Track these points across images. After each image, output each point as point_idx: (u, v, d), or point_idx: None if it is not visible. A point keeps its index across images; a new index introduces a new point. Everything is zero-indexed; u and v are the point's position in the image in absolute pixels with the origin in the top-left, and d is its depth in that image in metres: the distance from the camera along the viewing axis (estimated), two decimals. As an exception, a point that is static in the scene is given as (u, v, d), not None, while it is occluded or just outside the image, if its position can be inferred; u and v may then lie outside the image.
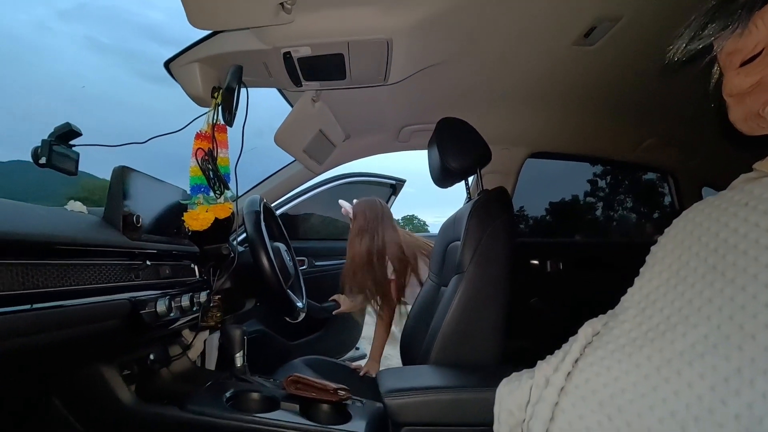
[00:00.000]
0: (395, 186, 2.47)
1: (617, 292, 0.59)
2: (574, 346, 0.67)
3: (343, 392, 0.91)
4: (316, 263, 2.17)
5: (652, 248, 0.66)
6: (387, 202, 2.53)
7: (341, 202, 1.69)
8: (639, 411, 0.51)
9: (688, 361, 0.49)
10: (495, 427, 0.71)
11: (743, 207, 0.54)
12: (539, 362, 0.69)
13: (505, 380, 0.74)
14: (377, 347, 1.58)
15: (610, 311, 0.66)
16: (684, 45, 0.58)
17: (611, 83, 1.24)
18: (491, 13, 0.91)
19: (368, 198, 1.64)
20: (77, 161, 0.88)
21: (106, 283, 0.69)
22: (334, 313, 1.92)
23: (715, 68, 0.60)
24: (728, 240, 0.53)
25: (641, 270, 0.66)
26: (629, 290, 0.66)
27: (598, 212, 3.13)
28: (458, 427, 0.82)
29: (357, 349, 2.42)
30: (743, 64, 0.51)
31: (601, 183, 3.02)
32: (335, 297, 1.95)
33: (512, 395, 0.70)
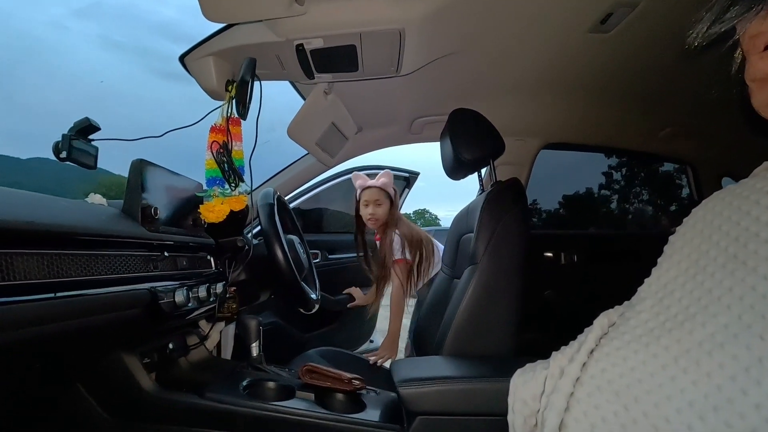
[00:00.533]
0: (409, 179, 2.46)
1: (633, 283, 0.59)
2: (589, 336, 0.66)
3: (358, 382, 0.92)
4: (330, 256, 2.19)
5: (670, 238, 0.65)
6: (401, 195, 2.54)
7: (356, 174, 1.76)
8: (656, 401, 0.51)
9: (708, 350, 0.48)
10: (509, 417, 0.71)
11: (766, 195, 0.52)
12: (554, 353, 0.68)
13: (519, 370, 0.74)
14: (391, 333, 1.60)
15: (626, 302, 0.65)
16: (705, 29, 0.56)
17: (628, 71, 1.22)
18: (503, 1, 0.90)
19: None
20: (96, 155, 0.90)
21: (126, 273, 0.71)
22: (348, 306, 1.94)
23: (738, 52, 0.58)
24: (750, 228, 0.52)
25: (659, 260, 0.65)
26: (646, 281, 0.65)
27: (613, 205, 3.08)
28: (472, 416, 0.82)
29: (371, 341, 2.44)
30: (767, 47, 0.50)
31: (616, 175, 2.96)
32: (350, 290, 1.97)
33: (527, 385, 0.70)
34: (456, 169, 1.22)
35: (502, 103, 1.43)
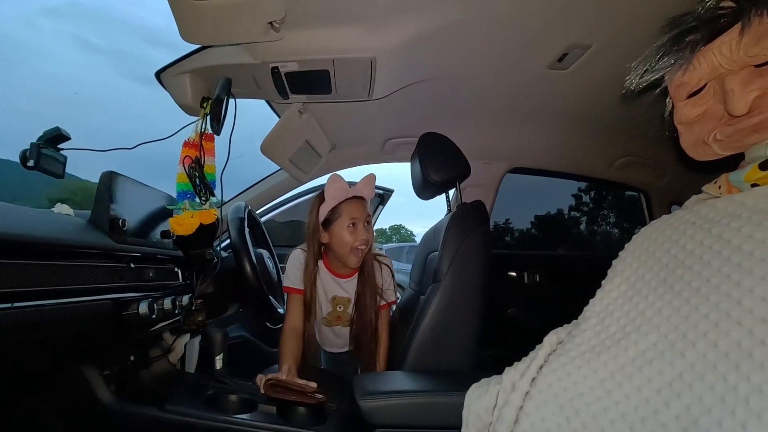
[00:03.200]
0: (383, 195, 2.49)
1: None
2: (539, 353, 0.71)
3: (321, 395, 0.94)
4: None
5: (614, 262, 0.72)
6: (374, 212, 2.57)
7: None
8: (594, 413, 0.56)
9: (639, 366, 0.54)
10: (463, 429, 0.75)
11: (691, 225, 0.59)
12: (507, 368, 0.73)
13: (474, 385, 0.78)
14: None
15: (574, 321, 0.71)
16: (639, 76, 0.64)
17: (585, 104, 1.31)
18: (469, 36, 0.97)
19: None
20: (65, 164, 0.90)
21: (89, 284, 0.72)
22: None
23: (668, 98, 0.65)
24: (677, 255, 0.58)
25: (603, 282, 0.71)
26: (591, 301, 0.70)
27: (582, 226, 3.21)
28: (430, 429, 0.85)
29: (340, 356, 2.43)
30: (690, 96, 0.57)
31: (585, 198, 3.10)
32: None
33: (480, 399, 0.74)
34: (425, 189, 1.27)
35: (470, 128, 1.50)
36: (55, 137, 0.87)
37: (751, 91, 0.48)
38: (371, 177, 1.22)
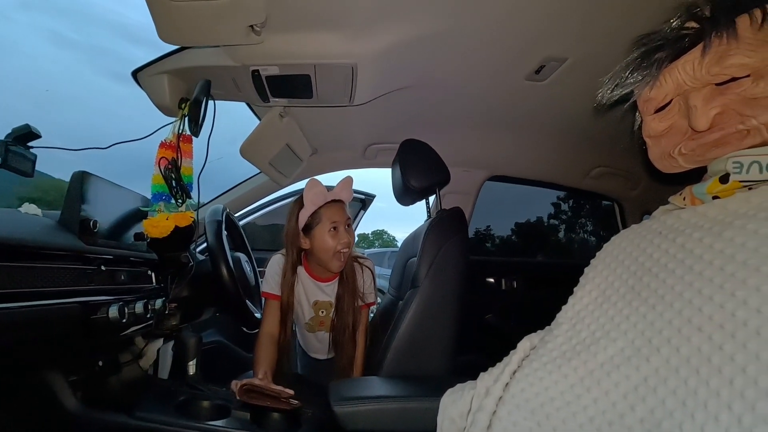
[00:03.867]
0: (364, 201, 2.49)
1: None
2: (513, 358, 0.72)
3: (296, 401, 0.93)
4: (281, 275, 2.17)
5: (585, 269, 0.74)
6: (356, 217, 2.57)
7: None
8: (564, 417, 0.57)
9: (607, 371, 0.56)
10: (437, 433, 0.75)
11: (658, 235, 0.61)
12: (481, 374, 0.74)
13: (449, 390, 0.79)
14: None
15: (547, 327, 0.72)
16: (609, 91, 0.66)
17: (561, 115, 1.35)
18: (448, 46, 0.98)
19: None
20: (34, 162, 0.88)
21: (57, 287, 0.70)
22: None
23: (638, 112, 0.68)
24: (644, 263, 0.60)
25: (575, 289, 0.73)
26: (563, 308, 0.72)
27: (561, 234, 3.28)
28: (404, 434, 0.85)
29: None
30: (658, 110, 0.60)
31: (564, 207, 3.18)
32: None
33: (455, 404, 0.74)
34: (405, 195, 1.28)
35: (451, 136, 1.52)
36: (25, 135, 0.84)
37: (712, 107, 0.51)
38: (348, 180, 1.21)
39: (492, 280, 1.94)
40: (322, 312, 1.27)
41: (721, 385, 0.39)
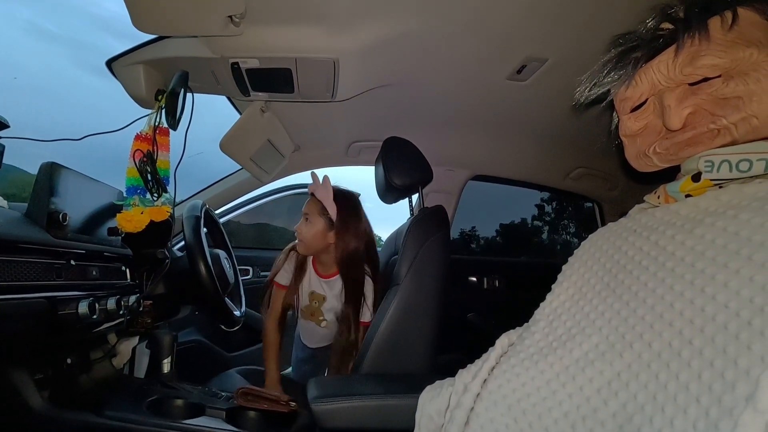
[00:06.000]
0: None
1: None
2: (491, 355, 0.73)
3: (294, 404, 0.93)
4: (263, 273, 2.15)
5: (563, 267, 0.74)
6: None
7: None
8: (540, 413, 0.57)
9: (582, 367, 0.56)
10: (415, 431, 0.75)
11: (633, 233, 0.62)
12: (460, 370, 0.74)
13: (428, 387, 0.79)
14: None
15: (526, 324, 0.73)
16: (587, 90, 0.67)
17: (543, 115, 1.36)
18: (430, 44, 0.98)
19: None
20: (2, 153, 0.84)
21: (21, 281, 0.67)
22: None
23: (615, 112, 0.69)
24: (620, 261, 0.61)
25: (553, 286, 0.73)
26: (541, 304, 0.73)
27: (544, 235, 3.32)
28: (382, 432, 0.85)
29: (303, 362, 2.39)
30: (634, 110, 0.61)
31: (548, 208, 3.22)
32: None
33: (433, 402, 0.74)
34: (388, 193, 1.28)
35: (434, 135, 1.53)
36: (-8, 125, 0.81)
37: (685, 107, 0.51)
38: (324, 177, 1.31)
39: (474, 279, 1.95)
40: (315, 303, 1.37)
41: (690, 379, 0.40)
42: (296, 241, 1.31)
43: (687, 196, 0.55)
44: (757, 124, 0.48)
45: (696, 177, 0.53)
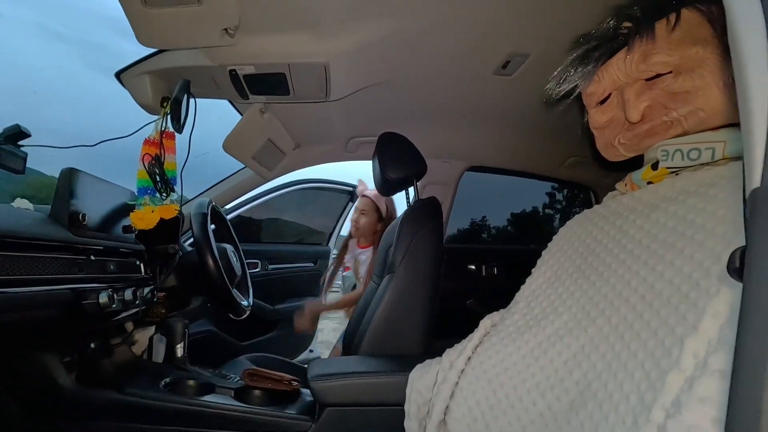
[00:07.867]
0: (353, 193, 2.55)
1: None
2: (475, 335, 0.80)
3: (296, 383, 1.00)
4: (271, 267, 2.23)
5: (543, 252, 0.81)
6: (344, 209, 2.63)
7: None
8: (515, 384, 0.64)
9: (553, 342, 0.63)
10: (406, 405, 0.83)
11: (602, 218, 0.68)
12: (447, 349, 0.81)
13: (418, 366, 0.86)
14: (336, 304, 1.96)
15: (508, 306, 0.79)
16: (556, 86, 0.72)
17: (531, 107, 1.40)
18: (415, 43, 1.03)
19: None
20: (25, 160, 0.92)
21: (48, 275, 0.75)
22: (296, 314, 1.91)
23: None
24: (590, 245, 0.67)
25: (533, 270, 0.79)
26: (522, 287, 0.79)
27: (556, 223, 3.32)
28: (375, 406, 0.92)
29: (311, 351, 2.48)
30: (600, 103, 0.66)
31: (559, 196, 3.22)
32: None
33: (422, 378, 0.81)
34: (384, 187, 1.33)
35: (428, 128, 1.57)
36: (15, 134, 0.89)
37: (642, 101, 0.57)
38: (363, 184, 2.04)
39: (473, 267, 2.00)
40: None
41: (639, 348, 0.46)
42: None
43: (649, 183, 0.60)
44: (704, 117, 0.53)
45: (655, 165, 0.58)
